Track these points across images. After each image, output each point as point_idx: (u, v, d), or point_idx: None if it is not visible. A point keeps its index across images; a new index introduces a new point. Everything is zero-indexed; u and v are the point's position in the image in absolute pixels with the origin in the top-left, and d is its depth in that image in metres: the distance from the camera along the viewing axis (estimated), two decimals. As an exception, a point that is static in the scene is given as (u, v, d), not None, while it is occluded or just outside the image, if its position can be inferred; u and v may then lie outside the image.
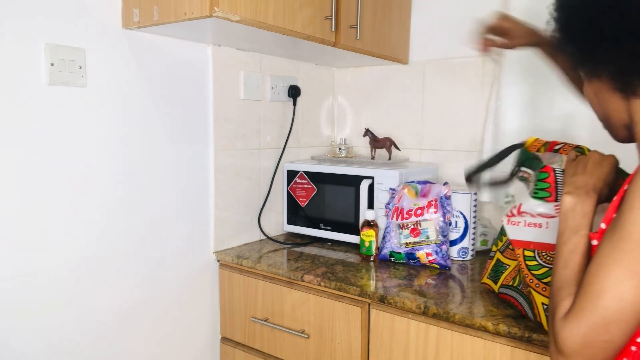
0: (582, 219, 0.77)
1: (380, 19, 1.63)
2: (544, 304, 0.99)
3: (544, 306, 0.98)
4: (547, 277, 1.00)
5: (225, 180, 1.56)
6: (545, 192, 1.01)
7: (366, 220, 1.51)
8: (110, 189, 1.28)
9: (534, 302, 1.01)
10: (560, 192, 0.99)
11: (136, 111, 1.32)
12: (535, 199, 1.02)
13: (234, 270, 1.53)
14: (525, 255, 1.05)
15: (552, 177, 1.01)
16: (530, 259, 1.04)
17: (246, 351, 1.52)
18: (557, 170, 1.01)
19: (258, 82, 1.63)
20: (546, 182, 1.02)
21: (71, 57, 1.16)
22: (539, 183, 1.02)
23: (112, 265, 1.30)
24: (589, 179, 0.81)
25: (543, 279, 1.00)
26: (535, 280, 1.01)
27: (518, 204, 1.07)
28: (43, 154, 1.14)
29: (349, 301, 1.28)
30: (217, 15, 1.11)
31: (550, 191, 1.01)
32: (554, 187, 1.01)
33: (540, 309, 0.99)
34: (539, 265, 1.02)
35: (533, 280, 1.01)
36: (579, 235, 0.76)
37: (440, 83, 1.75)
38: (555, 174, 1.01)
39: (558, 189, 1.00)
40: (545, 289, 0.99)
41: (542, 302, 0.99)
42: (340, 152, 1.87)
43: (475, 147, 1.69)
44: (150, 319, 1.41)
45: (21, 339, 1.14)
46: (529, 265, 1.04)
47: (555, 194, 1.00)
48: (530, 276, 1.02)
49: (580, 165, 0.85)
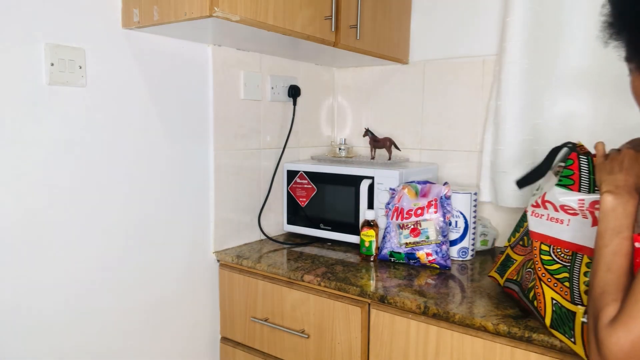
0: (624, 220, 0.73)
1: (380, 19, 1.63)
2: (553, 299, 0.98)
3: (553, 301, 0.97)
4: (559, 273, 0.99)
5: (225, 180, 1.56)
6: (569, 179, 0.99)
7: (366, 220, 1.51)
8: (110, 189, 1.28)
9: (542, 296, 0.99)
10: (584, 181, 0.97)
11: (136, 111, 1.32)
12: (559, 187, 1.01)
13: (234, 270, 1.53)
14: (541, 249, 1.04)
15: (577, 164, 0.99)
16: (545, 253, 1.03)
17: (246, 351, 1.52)
18: (582, 158, 0.98)
19: (258, 82, 1.63)
20: (570, 169, 0.99)
21: (71, 57, 1.16)
22: (564, 170, 1.00)
23: (112, 265, 1.30)
24: (629, 177, 0.77)
25: (555, 275, 0.99)
26: (548, 275, 1.00)
27: (542, 193, 1.05)
28: (43, 154, 1.14)
29: (349, 301, 1.28)
30: (217, 15, 1.11)
31: (574, 179, 0.99)
32: (577, 175, 0.99)
33: (549, 303, 0.98)
34: (553, 261, 1.02)
35: (545, 274, 1.01)
36: (622, 236, 0.72)
37: (440, 83, 1.75)
38: (579, 162, 0.99)
39: (582, 178, 0.97)
40: (557, 284, 0.98)
41: (552, 297, 0.98)
42: (340, 152, 1.87)
43: (475, 147, 1.69)
44: (149, 318, 1.41)
45: (21, 340, 1.14)
46: (543, 260, 1.03)
47: (578, 183, 0.98)
48: (543, 270, 1.01)
49: (616, 162, 0.80)
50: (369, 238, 1.49)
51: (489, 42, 1.62)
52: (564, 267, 1.00)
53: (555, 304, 0.97)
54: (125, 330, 1.35)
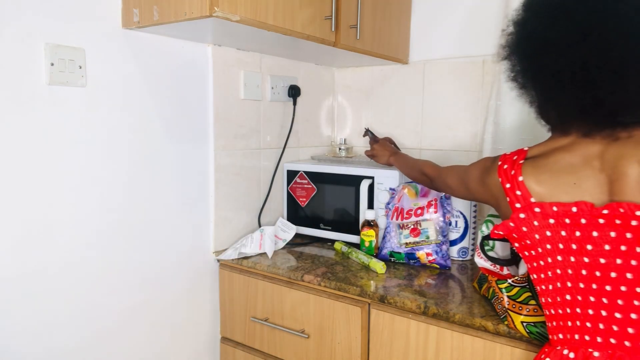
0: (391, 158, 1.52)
1: (380, 19, 1.63)
2: (523, 322, 1.01)
3: (524, 324, 1.00)
4: (519, 296, 1.03)
5: (225, 180, 1.56)
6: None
7: (366, 220, 1.51)
8: (110, 189, 1.28)
9: (513, 324, 1.03)
10: None
11: (136, 111, 1.32)
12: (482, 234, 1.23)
13: (234, 270, 1.53)
14: (497, 281, 1.09)
15: None
16: (502, 282, 1.08)
17: (246, 351, 1.52)
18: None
19: (258, 82, 1.63)
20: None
21: (71, 57, 1.16)
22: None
23: (112, 265, 1.30)
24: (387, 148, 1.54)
25: (517, 299, 1.03)
26: (512, 302, 1.04)
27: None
28: (43, 154, 1.14)
29: (349, 301, 1.28)
30: (217, 15, 1.11)
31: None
32: None
33: (520, 327, 1.01)
34: (510, 287, 1.06)
35: (509, 302, 1.04)
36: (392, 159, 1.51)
37: (440, 83, 1.75)
38: None
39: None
40: (522, 307, 1.02)
41: (522, 321, 1.01)
42: (340, 152, 1.87)
43: (475, 147, 1.69)
44: (150, 318, 1.41)
45: (21, 340, 1.14)
46: (501, 288, 1.07)
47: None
48: (505, 299, 1.05)
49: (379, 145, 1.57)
50: (369, 238, 1.49)
51: (489, 42, 1.62)
52: (523, 288, 1.04)
53: (527, 326, 1.00)
54: (125, 330, 1.35)
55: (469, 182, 1.03)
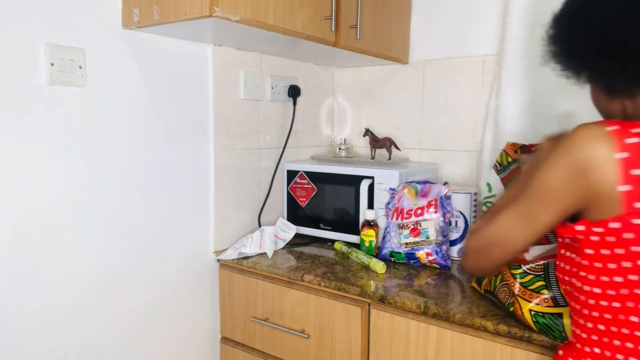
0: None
1: (380, 19, 1.63)
2: (531, 311, 1.00)
3: (532, 312, 1.00)
4: (533, 284, 1.02)
5: (225, 180, 1.56)
6: None
7: (366, 220, 1.51)
8: (110, 189, 1.28)
9: (520, 310, 1.02)
10: None
11: (136, 111, 1.32)
12: None
13: (234, 270, 1.53)
14: (510, 265, 1.08)
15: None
16: (516, 267, 1.07)
17: (246, 351, 1.52)
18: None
19: (258, 82, 1.63)
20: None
21: (71, 57, 1.16)
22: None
23: (112, 265, 1.30)
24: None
25: (530, 287, 1.02)
26: (522, 289, 1.03)
27: None
28: (43, 154, 1.14)
29: (349, 301, 1.28)
30: (217, 15, 1.11)
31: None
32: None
33: (527, 315, 1.00)
34: (525, 273, 1.05)
35: (520, 288, 1.03)
36: None
37: (440, 83, 1.75)
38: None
39: None
40: (532, 295, 1.01)
41: (530, 309, 1.00)
42: (340, 152, 1.87)
43: (475, 147, 1.69)
44: (150, 318, 1.41)
45: (23, 340, 1.14)
46: (514, 274, 1.06)
47: None
48: (516, 284, 1.04)
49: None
50: (369, 238, 1.49)
51: (489, 42, 1.62)
52: (538, 277, 1.03)
53: (534, 315, 0.99)
54: (125, 330, 1.35)
55: (550, 194, 0.76)
